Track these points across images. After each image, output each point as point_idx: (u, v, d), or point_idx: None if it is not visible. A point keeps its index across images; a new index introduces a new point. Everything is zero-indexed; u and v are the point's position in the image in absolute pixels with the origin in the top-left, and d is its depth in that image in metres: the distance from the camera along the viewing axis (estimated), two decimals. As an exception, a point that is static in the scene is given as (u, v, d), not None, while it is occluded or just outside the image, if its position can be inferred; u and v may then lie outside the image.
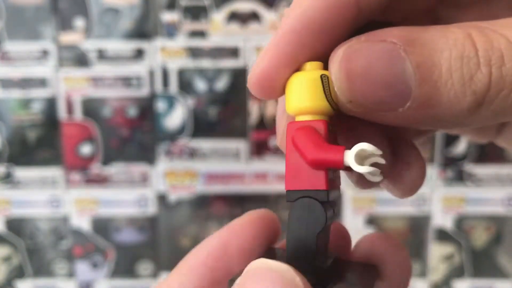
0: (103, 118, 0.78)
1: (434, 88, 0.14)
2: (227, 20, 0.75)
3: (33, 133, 0.78)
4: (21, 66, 0.76)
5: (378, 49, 0.14)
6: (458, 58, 0.14)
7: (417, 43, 0.14)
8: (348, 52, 0.15)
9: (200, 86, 0.77)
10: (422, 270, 0.82)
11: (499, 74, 0.14)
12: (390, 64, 0.14)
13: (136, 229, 0.82)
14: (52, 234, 0.83)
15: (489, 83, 0.14)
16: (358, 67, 0.14)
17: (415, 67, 0.14)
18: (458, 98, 0.14)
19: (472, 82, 0.14)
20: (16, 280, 0.83)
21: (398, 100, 0.14)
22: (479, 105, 0.14)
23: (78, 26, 0.75)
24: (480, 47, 0.14)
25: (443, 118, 0.15)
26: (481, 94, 0.14)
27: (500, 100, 0.14)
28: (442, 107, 0.14)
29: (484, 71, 0.14)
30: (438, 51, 0.14)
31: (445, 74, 0.14)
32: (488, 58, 0.14)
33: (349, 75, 0.14)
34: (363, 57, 0.14)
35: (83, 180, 0.78)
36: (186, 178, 0.77)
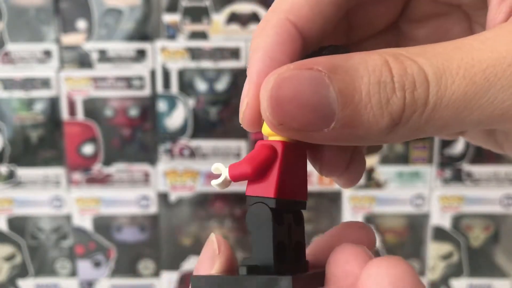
0: (105, 118, 0.78)
1: (355, 111, 0.16)
2: (227, 21, 0.75)
3: (35, 133, 0.79)
4: (24, 66, 0.76)
5: (305, 76, 0.16)
6: (376, 83, 0.16)
7: (340, 70, 0.16)
8: (278, 80, 0.16)
9: (200, 87, 0.78)
10: (420, 269, 0.82)
11: (412, 97, 0.16)
12: (315, 90, 0.16)
13: (137, 228, 0.83)
14: (54, 233, 0.84)
15: (403, 105, 0.16)
16: (287, 93, 0.16)
17: (338, 92, 0.16)
18: (377, 119, 0.16)
19: (389, 105, 0.16)
20: (19, 279, 0.83)
21: (323, 121, 0.16)
22: (396, 125, 0.16)
23: (80, 27, 0.76)
24: (396, 73, 0.16)
25: (365, 136, 0.16)
26: (397, 115, 0.16)
27: (414, 120, 0.16)
28: (363, 127, 0.16)
29: (399, 95, 0.16)
30: (359, 77, 0.16)
31: (365, 98, 0.16)
32: (402, 83, 0.16)
33: (278, 101, 0.16)
34: (292, 84, 0.16)
35: (85, 179, 0.79)
36: (187, 178, 0.78)
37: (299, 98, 0.16)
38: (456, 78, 0.16)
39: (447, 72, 0.16)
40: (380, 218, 0.82)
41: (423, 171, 0.78)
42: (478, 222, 0.81)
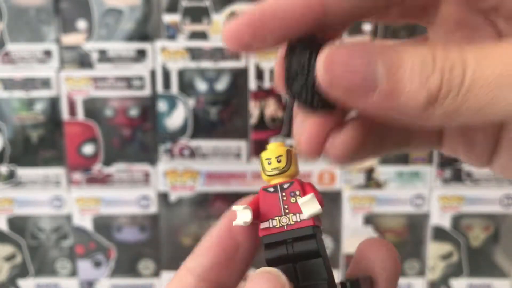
0: (105, 118, 0.79)
1: (398, 82, 0.18)
2: (227, 21, 0.76)
3: (36, 133, 0.79)
4: (24, 67, 0.76)
5: (359, 48, 0.19)
6: (419, 63, 0.18)
7: (391, 49, 0.18)
8: (334, 48, 0.19)
9: (200, 87, 0.78)
10: (420, 268, 0.83)
11: (449, 77, 0.18)
12: (366, 58, 0.18)
13: (137, 228, 0.83)
14: (54, 233, 0.84)
15: (440, 83, 0.18)
16: (341, 57, 0.19)
17: (386, 64, 0.18)
18: (416, 93, 0.18)
19: (428, 82, 0.18)
20: (19, 278, 0.83)
21: (370, 86, 0.18)
22: (433, 102, 0.18)
23: (80, 27, 0.76)
24: (438, 56, 0.18)
25: (404, 110, 0.18)
26: (434, 92, 0.18)
27: (450, 99, 0.18)
28: (403, 98, 0.18)
29: (437, 74, 0.18)
30: (406, 56, 0.18)
31: (408, 72, 0.18)
32: (442, 65, 0.18)
33: (333, 62, 0.19)
34: (346, 52, 0.19)
35: (85, 179, 0.79)
36: (187, 178, 0.78)
37: (350, 63, 0.18)
38: (493, 62, 0.17)
39: (486, 59, 0.18)
40: (380, 218, 0.82)
41: (423, 171, 0.78)
42: (478, 222, 0.81)
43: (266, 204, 0.22)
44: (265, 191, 0.22)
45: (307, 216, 0.20)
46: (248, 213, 0.21)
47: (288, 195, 0.22)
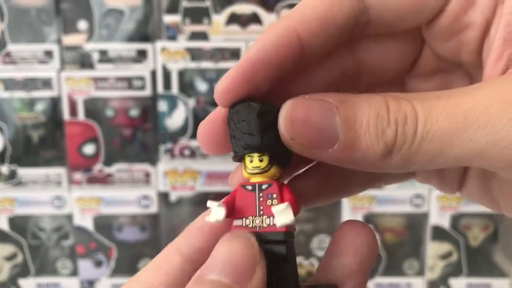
0: (106, 118, 0.79)
1: (356, 136, 0.19)
2: (227, 21, 0.76)
3: (37, 133, 0.79)
4: (25, 67, 0.77)
5: (317, 104, 0.19)
6: (374, 116, 0.19)
7: (347, 103, 0.19)
8: (293, 104, 0.20)
9: (201, 87, 0.78)
10: (419, 268, 0.83)
11: (402, 130, 0.19)
12: (324, 115, 0.19)
13: (138, 227, 0.83)
14: (55, 232, 0.84)
15: (395, 136, 0.19)
16: (300, 115, 0.20)
17: (343, 120, 0.19)
18: (373, 146, 0.19)
19: (384, 135, 0.19)
20: (20, 278, 0.84)
21: (328, 142, 0.19)
22: (389, 153, 0.19)
23: (81, 28, 0.76)
24: (391, 109, 0.19)
25: (362, 160, 0.19)
26: (390, 144, 0.19)
27: (404, 150, 0.19)
28: (361, 151, 0.19)
29: (392, 127, 0.19)
30: (361, 110, 0.19)
31: (365, 127, 0.19)
32: (396, 117, 0.19)
33: (292, 119, 0.20)
34: (305, 108, 0.19)
35: (86, 179, 0.79)
36: (187, 178, 0.78)
37: (309, 120, 0.19)
38: (440, 116, 0.18)
39: (433, 111, 0.19)
40: (379, 218, 0.82)
41: (422, 171, 0.78)
42: (477, 222, 0.81)
43: (242, 202, 0.22)
44: (243, 188, 0.22)
45: (279, 225, 0.20)
46: (222, 212, 0.21)
47: (265, 196, 0.22)
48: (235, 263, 0.20)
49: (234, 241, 0.20)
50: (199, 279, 0.20)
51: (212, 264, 0.20)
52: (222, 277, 0.20)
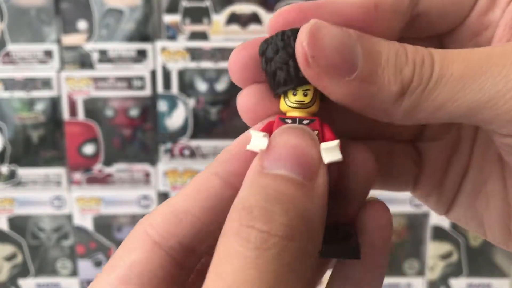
0: (105, 118, 0.79)
1: (374, 69, 0.19)
2: (227, 21, 0.76)
3: (36, 133, 0.79)
4: (24, 67, 0.77)
5: (339, 30, 0.19)
6: (394, 54, 0.19)
7: (366, 37, 0.19)
8: (318, 23, 0.19)
9: (201, 87, 0.78)
10: (420, 268, 0.83)
11: (420, 71, 0.18)
12: (346, 41, 0.18)
13: (137, 228, 0.83)
14: (55, 233, 0.84)
15: (412, 75, 0.18)
16: (325, 34, 0.18)
17: (363, 50, 0.19)
18: (390, 83, 0.19)
19: (401, 73, 0.19)
20: (20, 278, 0.84)
21: (348, 68, 0.18)
22: (404, 93, 0.19)
23: (81, 28, 0.76)
24: (409, 51, 0.19)
25: (376, 97, 0.19)
26: (406, 83, 0.18)
27: (417, 93, 0.18)
28: (377, 85, 0.19)
29: (410, 66, 0.19)
30: (381, 45, 0.19)
31: (384, 62, 0.19)
32: (413, 58, 0.19)
33: (317, 36, 0.18)
34: (329, 29, 0.19)
35: (86, 179, 0.79)
36: (187, 178, 0.78)
37: (333, 42, 0.18)
38: (456, 61, 0.18)
39: (449, 56, 0.19)
40: (379, 218, 0.82)
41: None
42: (477, 222, 0.81)
43: None
44: (281, 121, 0.20)
45: (326, 162, 0.19)
46: (265, 141, 0.19)
47: None
48: (303, 158, 0.18)
49: (296, 134, 0.19)
50: (261, 173, 0.18)
51: (275, 157, 0.18)
52: (291, 173, 0.18)
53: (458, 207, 0.25)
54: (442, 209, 0.25)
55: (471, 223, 0.25)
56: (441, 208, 0.25)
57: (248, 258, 0.16)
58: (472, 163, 0.24)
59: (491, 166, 0.23)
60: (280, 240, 0.17)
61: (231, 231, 0.17)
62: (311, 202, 0.18)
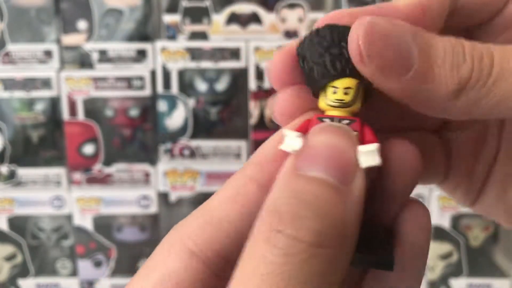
0: (105, 118, 0.79)
1: (431, 68, 0.18)
2: (227, 21, 0.76)
3: (36, 133, 0.79)
4: (24, 67, 0.77)
5: (394, 27, 0.18)
6: (450, 50, 0.18)
7: (421, 33, 0.18)
8: (373, 20, 0.18)
9: (201, 87, 0.78)
10: (420, 268, 0.83)
11: (479, 66, 0.18)
12: (401, 39, 0.18)
13: (137, 228, 0.83)
14: (54, 233, 0.84)
15: (471, 71, 0.18)
16: (380, 31, 0.18)
17: (419, 47, 0.18)
18: (447, 80, 0.18)
19: (459, 70, 0.18)
20: (19, 278, 0.84)
21: (404, 66, 0.18)
22: (461, 90, 0.18)
23: (81, 28, 0.76)
24: (467, 47, 0.18)
25: (432, 94, 0.18)
26: (464, 80, 0.18)
27: (476, 89, 0.18)
28: (434, 83, 0.18)
29: (469, 62, 0.18)
30: (437, 42, 0.18)
31: (440, 59, 0.18)
32: (472, 54, 0.18)
33: (373, 34, 0.18)
34: (385, 25, 0.18)
35: (85, 179, 0.79)
36: (187, 178, 0.78)
37: (389, 40, 0.18)
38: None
39: (509, 52, 0.18)
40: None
41: (422, 171, 0.78)
42: (477, 222, 0.81)
43: None
44: (320, 120, 0.19)
45: (364, 166, 0.18)
46: (299, 142, 0.18)
47: None
48: (340, 160, 0.17)
49: (334, 133, 0.18)
50: (294, 174, 0.17)
51: (310, 158, 0.17)
52: (327, 175, 0.17)
53: (487, 197, 0.24)
54: (469, 200, 0.25)
55: (499, 213, 0.24)
56: (469, 199, 0.25)
57: (275, 264, 0.16)
58: (501, 152, 0.24)
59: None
60: (309, 247, 0.16)
61: (259, 235, 0.17)
62: (345, 207, 0.17)
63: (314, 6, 0.76)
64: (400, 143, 0.20)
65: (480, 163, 0.24)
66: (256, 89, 0.76)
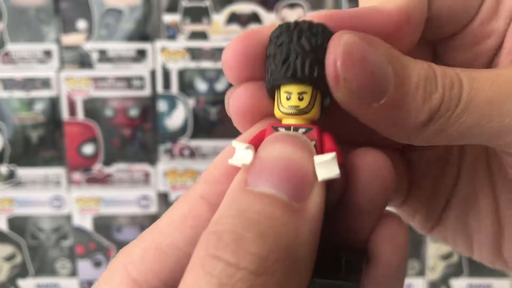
0: (105, 118, 0.79)
1: (404, 95, 0.17)
2: (227, 21, 0.76)
3: (36, 133, 0.79)
4: (24, 67, 0.76)
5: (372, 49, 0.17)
6: (424, 78, 0.17)
7: (396, 58, 0.18)
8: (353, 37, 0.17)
9: (200, 87, 0.78)
10: (420, 269, 0.83)
11: (449, 95, 0.17)
12: (379, 64, 0.17)
13: (137, 228, 0.83)
14: (54, 233, 0.84)
15: (441, 101, 0.17)
16: (358, 54, 0.17)
17: (395, 74, 0.17)
18: (418, 110, 0.17)
19: (431, 99, 0.17)
20: (19, 278, 0.83)
21: (379, 92, 0.17)
22: (431, 119, 0.17)
23: (80, 28, 0.76)
24: (438, 74, 0.18)
25: (402, 123, 0.18)
26: (434, 110, 0.17)
27: (444, 118, 0.17)
28: (406, 111, 0.17)
29: (440, 91, 0.17)
30: (411, 69, 0.18)
31: (414, 87, 0.17)
32: (443, 82, 0.18)
33: (351, 56, 0.17)
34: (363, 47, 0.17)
35: (85, 179, 0.79)
36: (187, 178, 0.78)
37: (365, 64, 0.17)
38: (485, 85, 0.18)
39: (477, 80, 0.18)
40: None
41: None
42: (478, 222, 0.81)
43: None
44: (274, 130, 0.18)
45: (320, 179, 0.16)
46: (250, 155, 0.17)
47: None
48: (294, 173, 0.15)
49: (287, 143, 0.16)
50: (243, 190, 0.16)
51: (260, 171, 0.16)
52: (277, 191, 0.15)
53: (445, 224, 0.23)
54: (428, 227, 0.24)
55: (458, 241, 0.23)
56: (428, 225, 0.24)
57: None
58: (461, 178, 0.23)
59: (481, 182, 0.22)
60: (249, 275, 0.14)
61: (197, 260, 0.15)
62: (297, 227, 0.15)
63: (314, 6, 0.76)
64: (369, 152, 0.18)
65: (441, 188, 0.23)
66: (256, 89, 0.75)
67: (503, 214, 0.22)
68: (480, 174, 0.22)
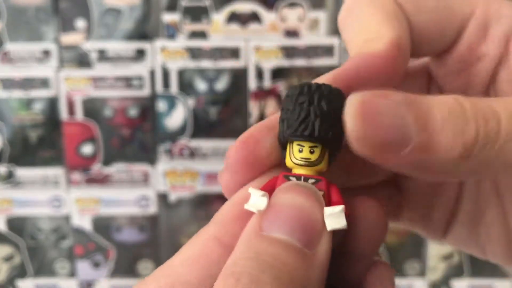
0: (104, 118, 0.78)
1: (430, 137, 0.17)
2: (227, 20, 0.75)
3: (35, 133, 0.79)
4: (23, 66, 0.76)
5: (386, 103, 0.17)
6: (449, 113, 0.17)
7: (415, 101, 0.17)
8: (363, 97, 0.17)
9: (200, 86, 0.78)
10: (421, 269, 0.82)
11: (485, 129, 0.17)
12: (395, 113, 0.17)
13: (136, 228, 0.83)
14: (53, 233, 0.84)
15: (477, 135, 0.17)
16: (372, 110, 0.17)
17: (414, 119, 0.17)
18: (450, 147, 0.17)
19: (463, 134, 0.17)
20: (18, 279, 0.83)
21: (402, 142, 0.17)
22: (468, 156, 0.17)
23: (79, 27, 0.76)
24: (468, 107, 0.17)
25: (437, 164, 0.17)
26: (470, 145, 0.17)
27: (486, 152, 0.17)
28: (436, 153, 0.17)
29: (473, 125, 0.17)
30: (433, 107, 0.17)
31: (439, 126, 0.17)
32: (475, 115, 0.17)
33: (364, 115, 0.17)
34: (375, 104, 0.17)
35: (84, 179, 0.79)
36: (187, 178, 0.78)
37: (383, 117, 0.17)
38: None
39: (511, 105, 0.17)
40: (380, 219, 0.82)
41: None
42: (479, 223, 0.81)
43: None
44: (285, 178, 0.19)
45: (329, 229, 0.18)
46: (265, 201, 0.18)
47: None
48: (306, 222, 0.17)
49: (300, 193, 0.17)
50: (258, 235, 0.16)
51: (274, 218, 0.17)
52: (291, 238, 0.16)
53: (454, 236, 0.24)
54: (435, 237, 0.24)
55: (471, 250, 0.24)
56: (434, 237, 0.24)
57: None
58: (464, 196, 0.23)
59: (487, 197, 0.22)
60: None
61: None
62: (308, 272, 0.16)
63: (314, 5, 0.75)
64: (364, 201, 0.19)
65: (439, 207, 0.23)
66: (256, 89, 0.75)
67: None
68: (485, 190, 0.22)
